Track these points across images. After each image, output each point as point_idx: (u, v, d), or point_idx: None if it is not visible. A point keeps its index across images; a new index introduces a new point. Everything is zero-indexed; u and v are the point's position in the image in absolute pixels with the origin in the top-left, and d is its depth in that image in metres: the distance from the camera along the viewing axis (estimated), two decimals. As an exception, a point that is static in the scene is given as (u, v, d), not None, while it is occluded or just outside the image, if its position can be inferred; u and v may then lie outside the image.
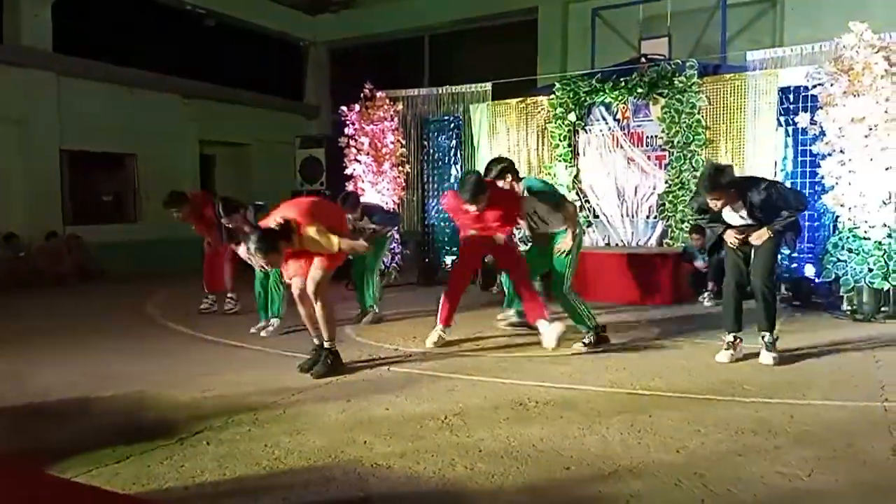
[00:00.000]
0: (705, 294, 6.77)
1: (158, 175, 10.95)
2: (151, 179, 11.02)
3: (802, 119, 6.36)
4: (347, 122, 8.86)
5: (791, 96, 6.77)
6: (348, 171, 8.69)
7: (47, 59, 9.56)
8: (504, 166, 5.00)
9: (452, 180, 8.93)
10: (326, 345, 4.11)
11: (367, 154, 8.57)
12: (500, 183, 4.96)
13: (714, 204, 4.17)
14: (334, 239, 3.92)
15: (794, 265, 6.77)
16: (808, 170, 6.69)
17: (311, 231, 3.88)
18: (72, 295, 8.26)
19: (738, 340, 4.34)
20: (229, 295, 6.52)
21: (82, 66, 9.96)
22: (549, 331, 4.57)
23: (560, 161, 8.39)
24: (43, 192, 9.62)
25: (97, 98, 10.16)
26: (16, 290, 8.34)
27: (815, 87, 6.15)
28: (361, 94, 8.84)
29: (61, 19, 9.74)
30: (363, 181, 8.64)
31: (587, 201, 8.38)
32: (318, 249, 3.96)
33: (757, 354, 4.28)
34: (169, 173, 10.98)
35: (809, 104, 6.48)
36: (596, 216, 8.35)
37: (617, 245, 8.11)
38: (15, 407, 3.47)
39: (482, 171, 4.96)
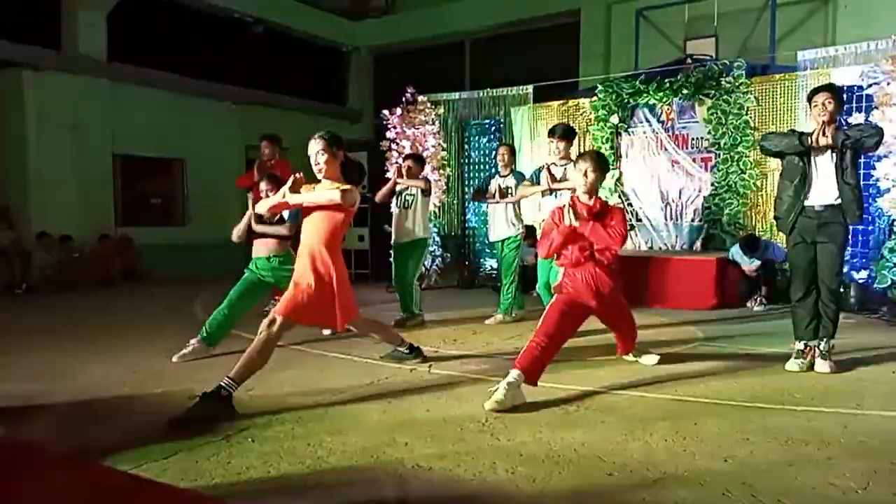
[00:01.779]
0: (756, 298, 6.59)
1: (206, 179, 11.23)
2: (199, 183, 11.32)
3: (857, 120, 6.15)
4: (389, 126, 8.94)
5: (844, 96, 6.55)
6: (390, 175, 8.76)
7: (102, 67, 9.90)
8: (569, 128, 5.56)
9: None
10: (224, 382, 3.29)
11: (408, 157, 8.63)
12: (560, 145, 5.39)
13: (823, 111, 3.98)
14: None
15: (845, 269, 6.54)
16: (862, 172, 6.42)
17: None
18: (121, 295, 8.52)
19: (809, 349, 4.13)
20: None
21: (134, 73, 10.29)
22: (648, 359, 4.37)
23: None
24: (96, 196, 9.96)
25: (148, 104, 10.48)
26: (68, 290, 8.65)
27: (870, 86, 5.95)
28: (403, 98, 8.91)
29: (115, 28, 10.08)
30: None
31: (630, 205, 8.27)
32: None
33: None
34: (216, 177, 11.25)
35: (864, 104, 6.28)
36: (639, 220, 8.23)
37: (660, 249, 7.98)
38: (66, 403, 3.58)
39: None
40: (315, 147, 3.67)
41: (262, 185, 5.07)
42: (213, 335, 4.66)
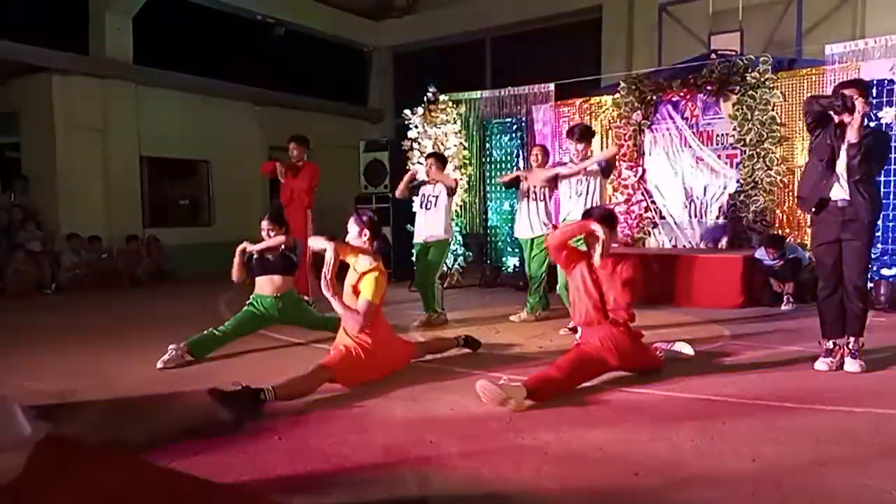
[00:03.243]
0: (784, 297, 6.49)
1: (230, 180, 11.36)
2: (224, 184, 11.45)
3: (887, 114, 6.04)
4: (411, 126, 8.96)
5: (874, 90, 6.42)
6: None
7: (128, 70, 10.06)
8: (587, 128, 5.55)
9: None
10: (267, 388, 3.35)
11: (430, 157, 8.63)
12: (579, 147, 5.40)
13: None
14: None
15: (874, 267, 6.41)
16: (892, 167, 6.33)
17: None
18: (149, 294, 8.66)
19: (838, 347, 4.05)
20: (305, 298, 6.53)
21: (159, 76, 10.42)
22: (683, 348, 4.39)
23: (625, 161, 8.24)
24: (123, 197, 10.11)
25: (173, 107, 10.63)
26: (98, 289, 8.81)
27: (901, 79, 5.83)
28: (424, 98, 8.91)
29: (140, 31, 10.23)
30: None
31: (653, 202, 8.20)
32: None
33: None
34: (240, 178, 11.37)
35: (895, 98, 6.15)
36: (662, 217, 8.16)
37: (684, 247, 7.89)
38: (98, 401, 3.65)
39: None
40: (355, 229, 4.11)
41: (263, 224, 5.04)
42: (200, 351, 4.56)
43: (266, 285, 4.99)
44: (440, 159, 6.30)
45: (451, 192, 6.05)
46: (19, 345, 5.28)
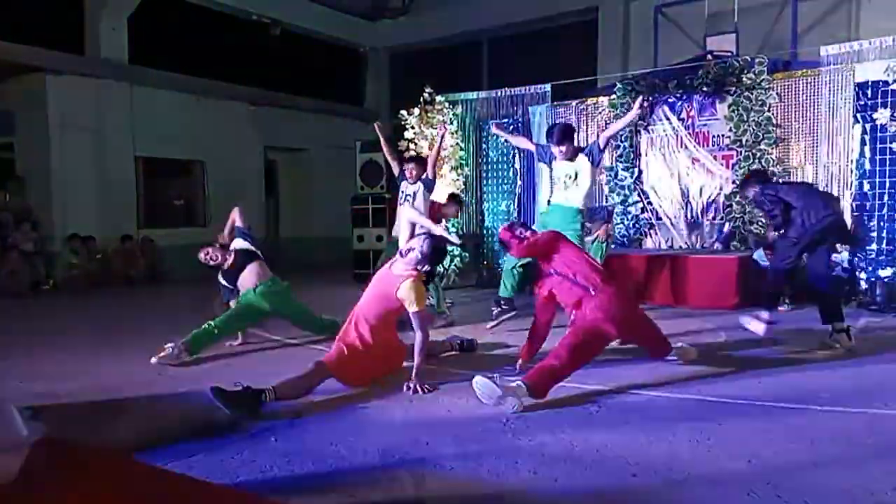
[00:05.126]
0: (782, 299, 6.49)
1: (226, 180, 11.33)
2: (219, 184, 11.41)
3: (882, 115, 6.07)
4: (407, 126, 8.95)
5: (869, 92, 6.44)
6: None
7: (123, 70, 10.02)
8: (565, 128, 5.25)
9: (511, 184, 8.91)
10: (268, 389, 3.37)
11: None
12: (562, 148, 5.09)
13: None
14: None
15: (870, 268, 6.43)
16: (887, 168, 6.36)
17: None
18: (144, 295, 8.63)
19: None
20: None
21: (155, 76, 10.39)
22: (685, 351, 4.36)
23: (621, 162, 8.25)
24: (117, 197, 10.07)
25: (168, 107, 10.58)
26: (91, 290, 8.77)
27: (895, 81, 5.85)
28: (421, 98, 8.91)
29: (135, 31, 10.19)
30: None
31: (649, 203, 8.22)
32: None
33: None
34: (236, 179, 11.35)
35: (890, 99, 6.18)
36: (658, 218, 8.17)
37: (680, 248, 7.91)
38: (91, 403, 3.63)
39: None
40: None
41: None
42: (197, 347, 4.58)
43: (247, 281, 4.97)
44: (419, 162, 6.18)
45: (430, 190, 6.01)
46: (15, 346, 5.25)
